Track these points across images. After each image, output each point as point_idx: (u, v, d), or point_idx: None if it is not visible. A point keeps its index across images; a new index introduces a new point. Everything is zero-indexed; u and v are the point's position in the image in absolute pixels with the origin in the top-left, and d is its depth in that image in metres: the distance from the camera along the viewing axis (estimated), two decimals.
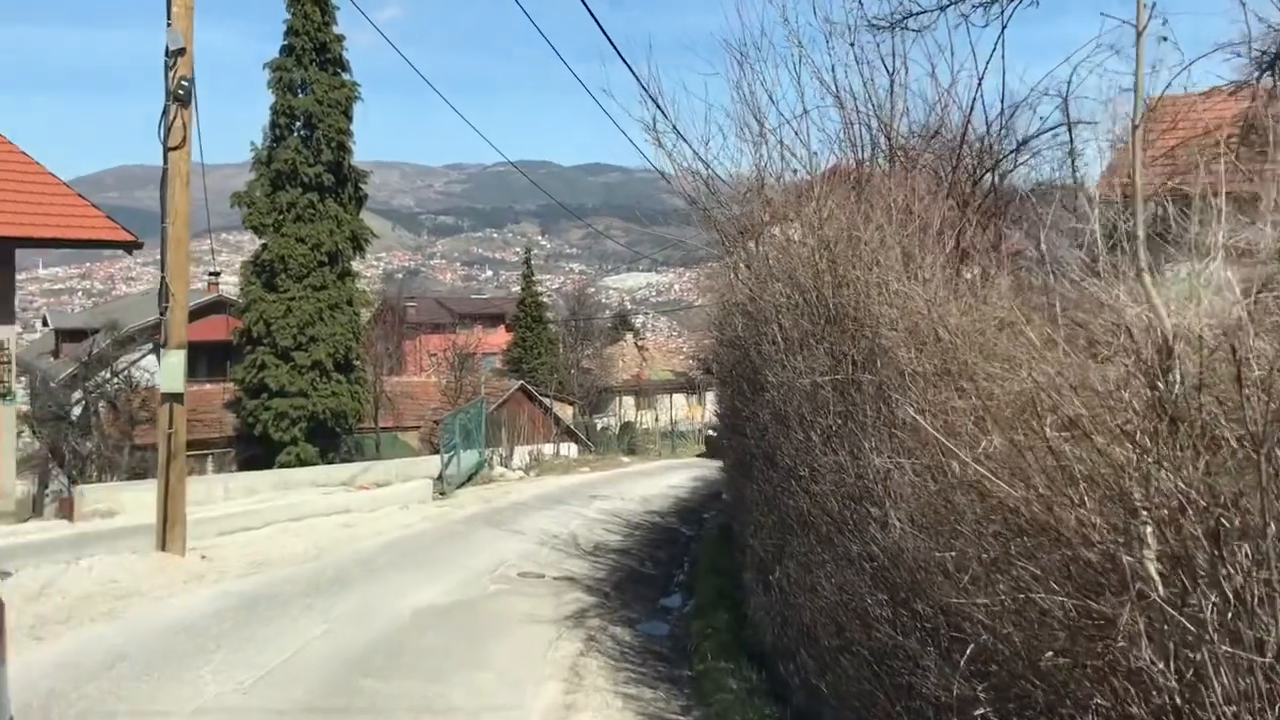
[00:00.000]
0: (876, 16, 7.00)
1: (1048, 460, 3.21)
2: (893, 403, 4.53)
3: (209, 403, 34.89)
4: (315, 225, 30.61)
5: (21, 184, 14.97)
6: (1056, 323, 4.08)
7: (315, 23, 30.63)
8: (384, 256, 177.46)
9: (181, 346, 11.60)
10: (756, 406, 7.23)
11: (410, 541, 13.84)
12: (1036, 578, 3.25)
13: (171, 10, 11.13)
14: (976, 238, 5.98)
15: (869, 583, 4.76)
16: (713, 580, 10.97)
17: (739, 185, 10.25)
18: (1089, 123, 7.85)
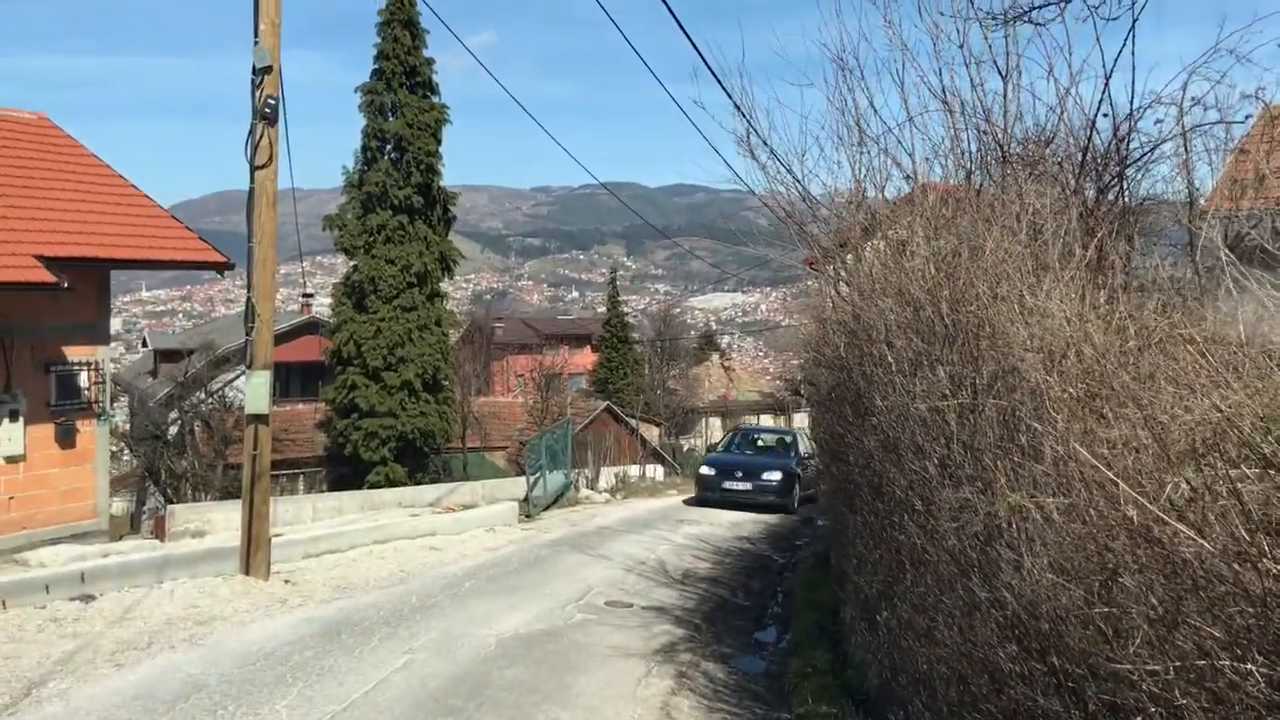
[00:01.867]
0: (992, 11, 6.50)
1: (1234, 504, 2.71)
2: (1026, 431, 4.04)
3: (300, 422, 35.33)
4: (404, 247, 30.83)
5: (118, 207, 15.14)
6: (1223, 342, 3.57)
7: (405, 47, 30.94)
8: (472, 278, 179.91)
9: (267, 367, 11.48)
10: (861, 432, 6.75)
11: (495, 566, 13.55)
12: (1222, 644, 2.75)
13: (258, 28, 11.07)
14: (1109, 249, 5.45)
15: (996, 632, 4.26)
16: (810, 615, 10.45)
17: (836, 198, 9.79)
18: (1209, 125, 7.25)
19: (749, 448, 25.53)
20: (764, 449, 25.32)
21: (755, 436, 26.70)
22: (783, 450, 24.94)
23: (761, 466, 23.10)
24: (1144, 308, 4.01)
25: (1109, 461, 3.20)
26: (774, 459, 24.05)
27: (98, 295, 14.79)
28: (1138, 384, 3.40)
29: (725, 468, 23.28)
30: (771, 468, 23.04)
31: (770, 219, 11.18)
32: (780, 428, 36.42)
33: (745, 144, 10.11)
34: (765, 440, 26.15)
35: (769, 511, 21.66)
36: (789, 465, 23.41)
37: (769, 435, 27.13)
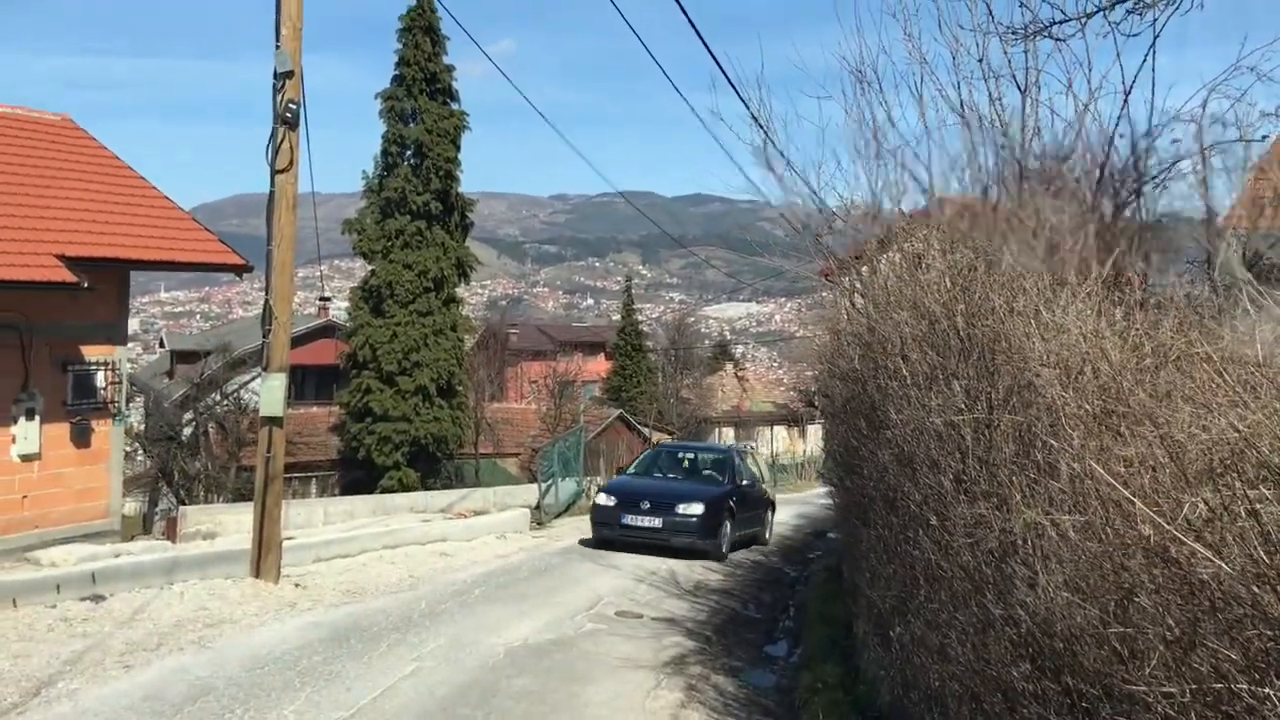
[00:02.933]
0: (1012, 26, 6.48)
1: (1252, 525, 2.68)
2: (1042, 447, 4.01)
3: (314, 425, 35.40)
4: (422, 252, 30.91)
5: (138, 208, 15.22)
6: (1240, 361, 3.53)
7: (425, 53, 31.06)
8: (488, 284, 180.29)
9: (283, 370, 11.51)
10: (875, 445, 6.71)
11: (506, 573, 13.53)
12: (1240, 667, 2.71)
13: (280, 33, 11.12)
14: (1126, 266, 5.40)
15: (1010, 649, 4.22)
16: (821, 629, 10.40)
17: (853, 210, 9.75)
18: (1229, 143, 7.21)
19: (671, 470, 19.13)
20: (690, 472, 18.96)
21: (681, 456, 19.95)
22: (715, 474, 18.52)
23: (679, 496, 16.69)
24: (1161, 325, 3.97)
25: (1125, 480, 3.16)
26: (698, 486, 17.57)
27: (117, 295, 14.86)
28: (1154, 402, 3.37)
29: (629, 497, 16.76)
30: (692, 497, 16.56)
31: (786, 230, 11.16)
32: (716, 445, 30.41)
33: (762, 155, 10.08)
34: (693, 461, 19.59)
35: (688, 557, 15.91)
36: (718, 495, 17.06)
37: (700, 454, 20.29)
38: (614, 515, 16.42)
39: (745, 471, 19.09)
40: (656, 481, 18.05)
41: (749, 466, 19.81)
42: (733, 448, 21.65)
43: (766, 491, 20.37)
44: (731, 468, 18.58)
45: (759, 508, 19.17)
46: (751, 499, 18.57)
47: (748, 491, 18.41)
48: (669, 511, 16.17)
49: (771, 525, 20.04)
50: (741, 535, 17.55)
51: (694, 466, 19.14)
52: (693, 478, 18.52)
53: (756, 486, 19.44)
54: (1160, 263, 7.20)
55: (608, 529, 16.43)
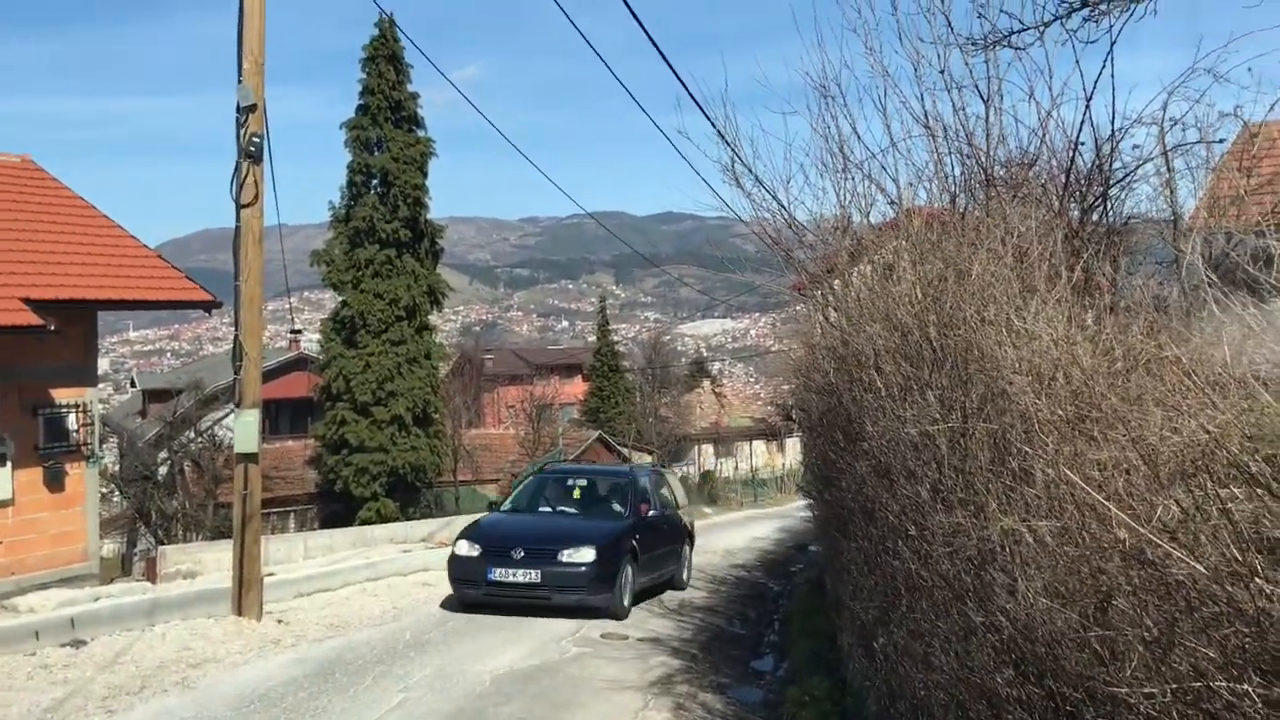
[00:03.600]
0: (972, 37, 6.55)
1: (1224, 524, 2.71)
2: (1016, 454, 4.04)
3: (290, 459, 35.15)
4: (393, 281, 30.82)
5: (104, 248, 15.15)
6: (1208, 363, 3.58)
7: (390, 81, 31.05)
8: (461, 310, 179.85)
9: (256, 405, 11.44)
10: (852, 457, 6.74)
11: None
12: (1218, 665, 2.74)
13: (242, 67, 11.11)
14: (1095, 270, 5.47)
15: (992, 656, 4.24)
16: (806, 643, 10.41)
17: (822, 224, 9.82)
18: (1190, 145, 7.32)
19: (559, 500, 14.88)
20: (583, 503, 14.85)
21: (571, 483, 15.39)
22: (614, 504, 14.51)
23: (564, 537, 12.94)
24: (1130, 329, 4.02)
25: (1100, 484, 3.20)
26: (590, 524, 13.70)
27: (85, 336, 14.76)
28: (1126, 406, 3.41)
29: (497, 543, 12.88)
30: (581, 539, 12.78)
31: (757, 245, 11.24)
32: (617, 467, 23.27)
33: (730, 172, 10.17)
34: (587, 488, 15.26)
35: (579, 616, 12.18)
36: (616, 533, 13.22)
37: (595, 479, 15.72)
38: (477, 569, 12.47)
39: (654, 498, 15.01)
40: (537, 519, 14.20)
41: (661, 490, 15.73)
42: (639, 467, 16.95)
43: (683, 520, 16.13)
44: (635, 494, 14.38)
45: (673, 542, 15.16)
46: (662, 533, 14.70)
47: (657, 524, 14.48)
48: (550, 560, 12.31)
49: (690, 563, 16.00)
50: (650, 580, 13.98)
51: (588, 495, 14.91)
52: (587, 510, 14.42)
53: (669, 515, 15.45)
54: (1129, 265, 7.30)
55: (470, 587, 12.59)
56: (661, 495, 15.58)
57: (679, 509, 16.16)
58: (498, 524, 13.95)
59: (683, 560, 15.65)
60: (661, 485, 15.97)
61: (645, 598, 13.84)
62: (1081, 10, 5.38)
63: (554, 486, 15.26)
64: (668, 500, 15.83)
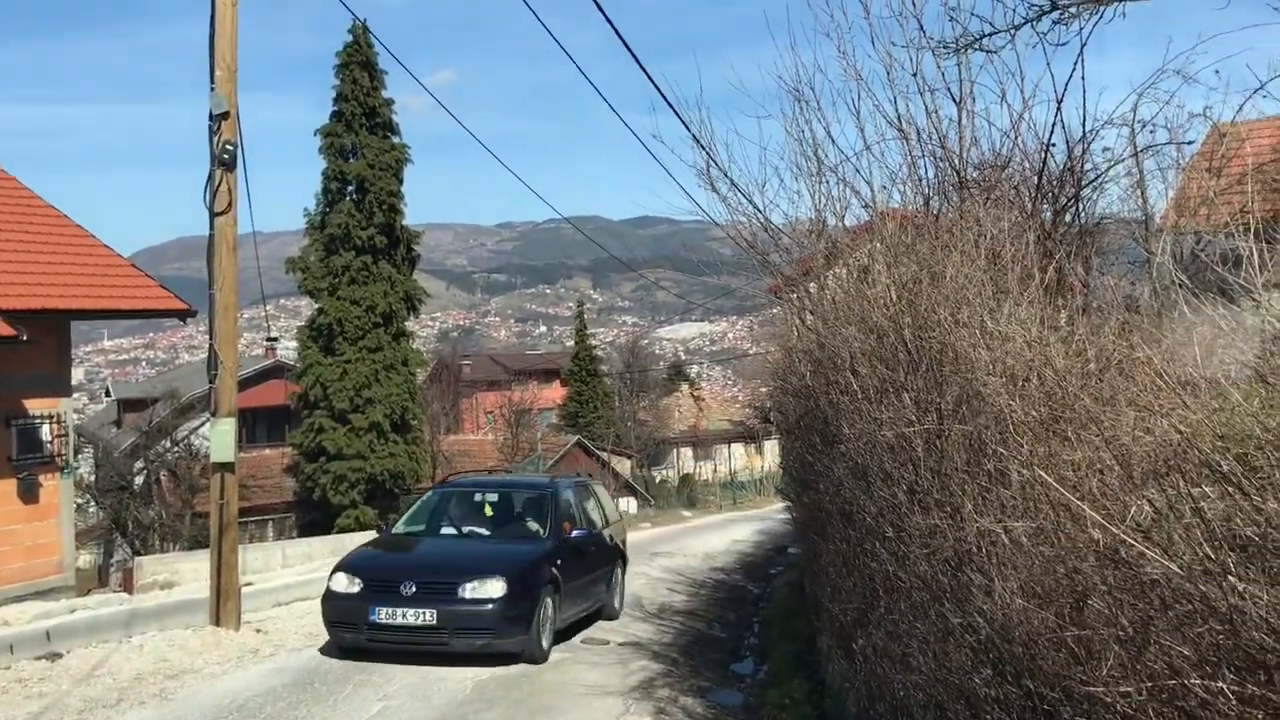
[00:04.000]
0: (944, 40, 6.60)
1: (1197, 523, 2.74)
2: (992, 456, 4.07)
3: (268, 468, 34.98)
4: (369, 287, 30.71)
5: (76, 257, 15.01)
6: (1179, 363, 3.61)
7: (364, 88, 30.96)
8: (439, 316, 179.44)
9: (231, 415, 11.38)
10: (830, 460, 6.76)
11: None
12: (1192, 663, 2.76)
13: (214, 74, 11.05)
14: (1067, 271, 5.51)
15: (970, 656, 4.27)
16: (786, 645, 10.43)
17: (798, 227, 9.86)
18: (1160, 146, 7.40)
19: (465, 519, 12.40)
20: (494, 522, 12.37)
21: (480, 499, 12.89)
22: (530, 524, 12.16)
23: (466, 567, 10.62)
24: (1103, 329, 4.06)
25: (1074, 484, 3.22)
26: (500, 548, 11.45)
27: (58, 346, 14.62)
28: (1099, 406, 3.44)
29: (383, 574, 10.62)
30: (487, 568, 10.47)
31: (734, 249, 11.26)
32: (535, 478, 18.40)
33: (706, 176, 10.18)
34: (499, 504, 12.74)
35: (486, 663, 9.95)
36: (530, 560, 10.94)
37: (508, 493, 13.13)
38: (357, 608, 10.11)
39: (580, 514, 12.70)
40: (436, 544, 11.86)
41: (587, 505, 13.30)
42: (560, 480, 13.56)
43: (613, 539, 13.75)
44: (556, 511, 11.99)
45: (602, 566, 12.77)
46: (590, 556, 12.26)
47: (583, 546, 12.04)
48: (448, 596, 10.07)
49: (623, 589, 13.67)
50: (576, 613, 11.70)
51: (500, 513, 12.49)
52: (499, 532, 12.05)
53: (598, 535, 13.00)
54: (1101, 265, 7.37)
55: (349, 630, 10.18)
56: (588, 511, 13.06)
57: (609, 526, 13.73)
58: (385, 552, 11.66)
59: (614, 586, 13.20)
60: (588, 499, 13.42)
61: (572, 633, 11.58)
62: (1051, 13, 5.44)
63: (459, 503, 12.67)
64: (595, 519, 13.25)
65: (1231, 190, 6.79)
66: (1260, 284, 3.38)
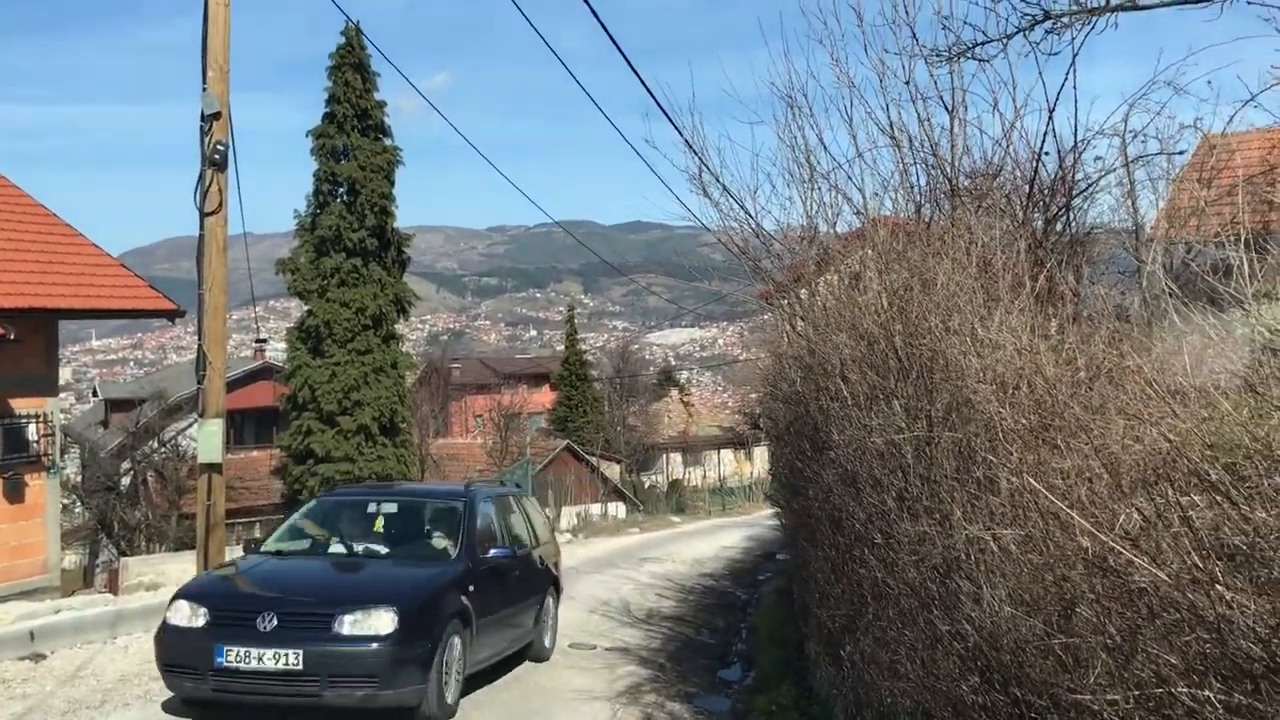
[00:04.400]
0: (936, 48, 6.62)
1: (1185, 532, 2.74)
2: (981, 463, 4.07)
3: (256, 469, 34.87)
4: (359, 290, 30.63)
5: (65, 256, 14.96)
6: (1169, 372, 3.62)
7: (356, 90, 30.90)
8: (429, 319, 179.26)
9: (220, 415, 11.33)
10: (819, 466, 6.76)
11: None
12: (1179, 671, 2.77)
13: (206, 74, 11.02)
14: (1058, 280, 5.53)
15: (958, 664, 4.27)
16: (774, 651, 10.42)
17: (789, 234, 9.88)
18: (1152, 156, 7.43)
19: (356, 534, 9.99)
20: (392, 538, 9.91)
21: (374, 509, 10.38)
22: (436, 541, 9.83)
23: (345, 595, 8.47)
24: (1093, 338, 4.06)
25: (1063, 492, 3.22)
26: (392, 571, 9.24)
27: (46, 346, 14.56)
28: (1089, 415, 3.44)
29: (234, 605, 8.46)
30: (374, 595, 8.25)
31: (725, 255, 11.28)
32: (447, 486, 16.55)
33: (698, 181, 10.21)
34: (396, 516, 10.30)
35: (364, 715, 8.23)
36: (432, 588, 8.72)
37: (410, 503, 10.74)
38: (199, 648, 7.85)
39: (501, 531, 10.34)
40: (312, 564, 9.54)
41: (511, 519, 10.91)
42: (479, 489, 10.90)
43: (545, 562, 11.32)
44: (470, 525, 9.64)
45: (529, 594, 10.39)
46: (513, 582, 9.97)
47: (505, 569, 9.78)
48: (319, 632, 7.78)
49: (556, 623, 11.20)
50: (493, 654, 9.43)
51: (400, 528, 10.02)
52: (397, 550, 9.59)
53: (525, 556, 10.64)
54: (1091, 275, 7.39)
55: (188, 676, 7.96)
56: (512, 527, 10.72)
57: (540, 546, 11.32)
58: (244, 574, 9.19)
59: (544, 619, 10.74)
60: (513, 513, 11.04)
61: (487, 679, 9.43)
62: (1044, 23, 5.44)
63: (349, 515, 10.30)
64: (522, 535, 10.95)
65: (1222, 201, 6.81)
66: (1250, 294, 3.39)
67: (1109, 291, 6.79)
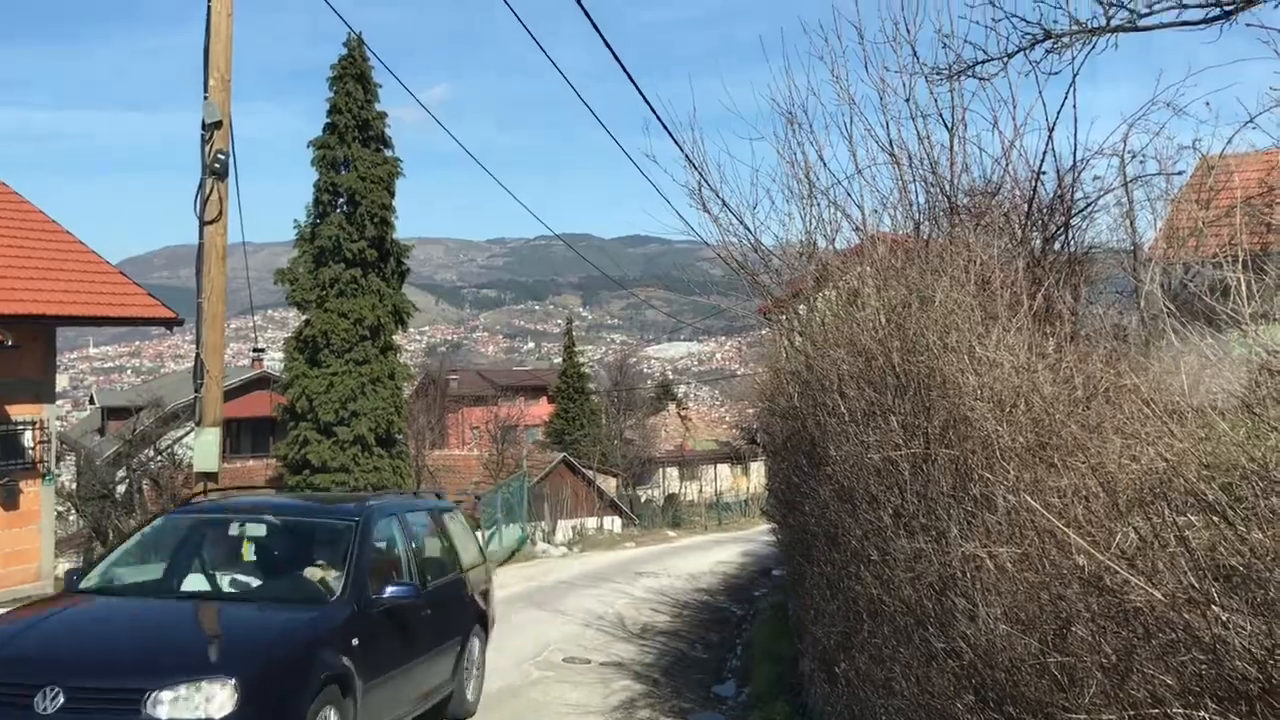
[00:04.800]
0: (937, 66, 6.64)
1: (1181, 552, 2.74)
2: (978, 481, 4.07)
3: (251, 479, 34.81)
4: (358, 300, 30.62)
5: (64, 263, 14.96)
6: (1166, 392, 3.63)
7: (358, 101, 30.94)
8: (427, 330, 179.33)
9: (216, 424, 11.32)
10: (816, 482, 6.76)
11: None
12: (1175, 692, 2.76)
13: (208, 83, 11.03)
14: (1056, 299, 5.53)
15: (953, 682, 4.26)
16: (769, 667, 10.39)
17: (788, 249, 9.89)
18: (1150, 176, 7.45)
19: (216, 561, 7.72)
20: (262, 568, 7.58)
21: (239, 530, 7.85)
22: (323, 570, 7.44)
23: (163, 658, 6.05)
24: (1091, 357, 4.07)
25: (1060, 511, 3.22)
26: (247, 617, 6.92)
27: (44, 353, 14.56)
28: (1086, 433, 3.44)
29: (14, 667, 5.85)
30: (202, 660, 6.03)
31: (724, 270, 11.29)
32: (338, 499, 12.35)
33: (698, 196, 10.22)
34: (271, 539, 7.86)
35: None
36: (300, 641, 6.47)
37: (288, 522, 8.12)
38: None
39: (408, 558, 8.20)
40: (134, 608, 7.17)
41: (422, 544, 8.84)
42: (379, 503, 8.53)
43: (470, 593, 9.33)
44: (361, 554, 7.44)
45: (444, 637, 8.32)
46: (419, 624, 7.81)
47: (409, 609, 7.61)
48: (121, 717, 5.67)
49: (482, 670, 9.31)
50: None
51: (270, 556, 7.81)
52: (261, 588, 7.40)
53: (440, 588, 8.53)
54: (1089, 294, 7.41)
55: None
56: (422, 553, 8.65)
57: (464, 572, 9.26)
58: (40, 620, 6.80)
59: (465, 669, 8.78)
60: (426, 534, 9.03)
61: None
62: (1044, 42, 5.46)
63: (207, 538, 8.02)
64: (441, 561, 8.99)
65: (1220, 222, 6.83)
66: (1248, 314, 3.39)
67: (1107, 311, 6.81)
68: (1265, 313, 3.56)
